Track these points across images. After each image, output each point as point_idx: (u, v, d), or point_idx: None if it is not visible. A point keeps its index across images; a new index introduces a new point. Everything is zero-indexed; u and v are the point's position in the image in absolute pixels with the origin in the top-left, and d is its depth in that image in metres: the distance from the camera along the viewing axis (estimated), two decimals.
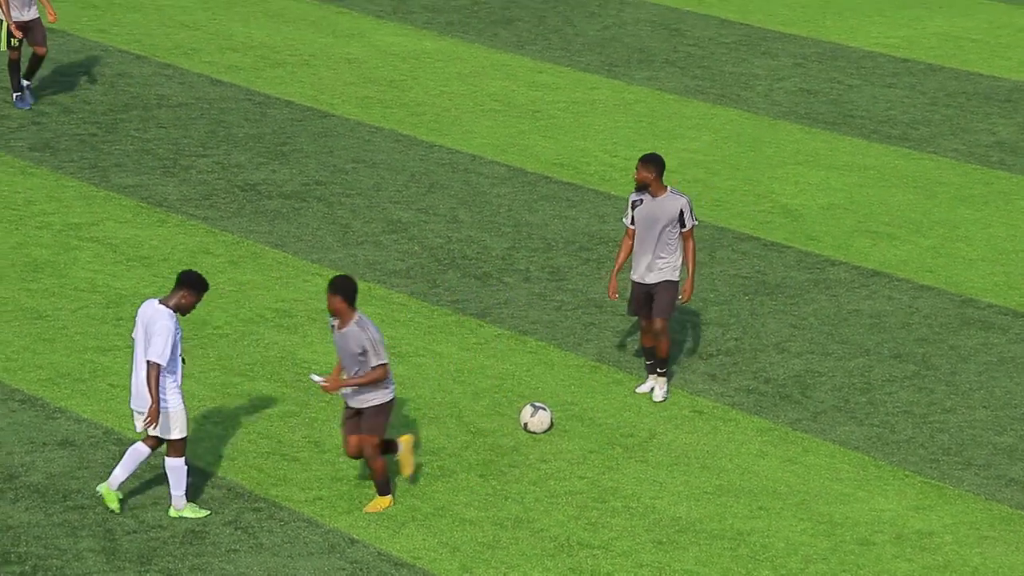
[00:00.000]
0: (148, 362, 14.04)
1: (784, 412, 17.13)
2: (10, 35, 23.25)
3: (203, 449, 15.77)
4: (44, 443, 15.69)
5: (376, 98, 26.26)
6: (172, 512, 14.61)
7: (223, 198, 21.93)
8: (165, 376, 14.19)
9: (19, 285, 18.96)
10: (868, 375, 17.99)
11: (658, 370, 17.22)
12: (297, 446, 15.95)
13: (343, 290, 14.32)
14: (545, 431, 16.45)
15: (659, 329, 16.93)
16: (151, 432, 14.39)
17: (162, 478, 15.09)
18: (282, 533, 14.45)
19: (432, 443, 16.14)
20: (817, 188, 23.40)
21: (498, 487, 15.43)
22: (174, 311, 14.15)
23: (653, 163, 16.77)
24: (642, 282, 17.00)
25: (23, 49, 23.81)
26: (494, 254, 20.80)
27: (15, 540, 14.04)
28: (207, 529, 14.41)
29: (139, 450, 14.49)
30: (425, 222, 21.60)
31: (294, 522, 14.66)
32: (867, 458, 16.26)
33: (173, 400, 14.29)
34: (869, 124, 26.03)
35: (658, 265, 16.91)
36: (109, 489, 14.45)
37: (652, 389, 17.29)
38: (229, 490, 15.10)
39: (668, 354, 17.17)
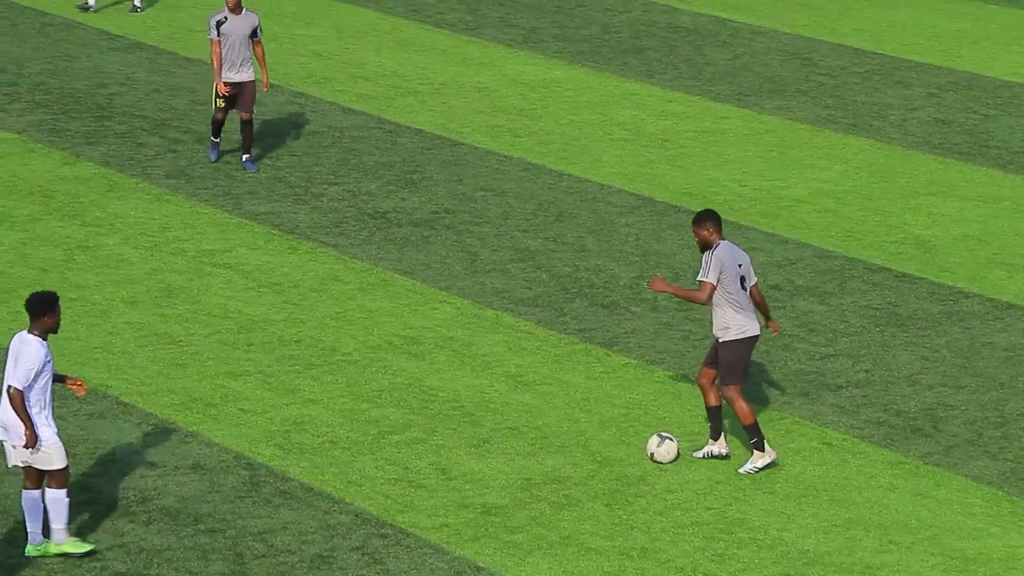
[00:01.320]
0: (10, 388, 13.82)
1: (915, 445, 17.03)
2: (217, 94, 23.05)
3: (331, 475, 15.92)
4: (176, 467, 15.91)
5: (505, 127, 26.38)
6: (52, 548, 14.13)
7: (353, 226, 22.12)
8: (32, 409, 13.89)
9: (154, 310, 19.22)
10: (1002, 409, 17.84)
11: (751, 440, 16.35)
12: (424, 473, 16.06)
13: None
14: (671, 461, 16.46)
15: (726, 397, 16.31)
16: (27, 459, 13.98)
17: (287, 506, 15.26)
18: (408, 560, 14.57)
19: (558, 471, 16.20)
20: (951, 219, 23.24)
21: (624, 517, 15.47)
22: (43, 337, 14.01)
23: (711, 219, 16.43)
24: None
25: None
26: (622, 283, 20.84)
27: (147, 563, 14.24)
28: (335, 555, 14.55)
29: (32, 496, 14.12)
30: (553, 251, 21.68)
31: (420, 549, 14.77)
32: (1001, 493, 16.13)
33: (46, 433, 14.00)
34: (1005, 154, 25.83)
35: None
36: (34, 545, 14.11)
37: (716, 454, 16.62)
38: (356, 516, 15.24)
39: (751, 422, 16.19)
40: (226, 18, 22.81)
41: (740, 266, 16.23)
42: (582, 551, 14.84)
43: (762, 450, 16.25)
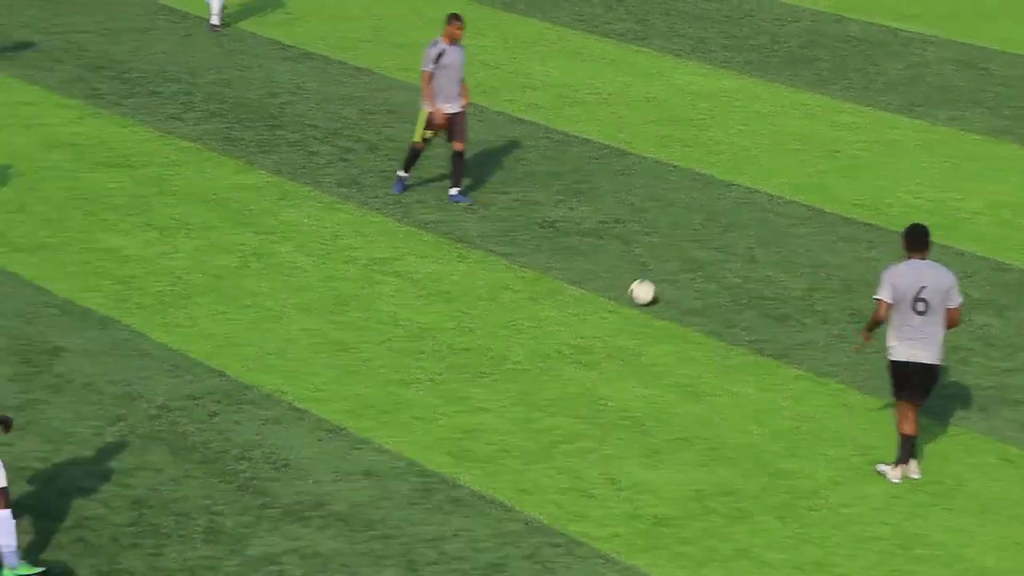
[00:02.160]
0: None
1: None
2: (426, 124, 22.80)
3: (502, 483, 15.93)
4: (349, 472, 16.00)
5: (675, 137, 26.32)
6: (6, 572, 13.49)
7: (522, 235, 22.15)
8: None
9: (327, 317, 19.36)
10: None
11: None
12: (595, 482, 16.03)
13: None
14: (646, 302, 19.55)
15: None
16: None
17: (458, 513, 15.30)
18: (580, 569, 14.54)
19: (730, 484, 16.09)
20: None
21: (798, 530, 15.33)
22: None
23: (904, 235, 16.18)
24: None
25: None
26: (793, 295, 20.69)
27: (321, 567, 14.33)
28: (506, 562, 14.55)
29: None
30: (723, 261, 21.58)
31: (591, 558, 14.74)
32: None
33: None
34: None
35: None
36: (11, 569, 13.57)
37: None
38: (527, 524, 15.23)
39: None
40: (445, 50, 22.72)
41: (923, 288, 15.99)
42: (755, 564, 14.73)
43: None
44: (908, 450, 16.18)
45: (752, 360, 18.86)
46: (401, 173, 23.08)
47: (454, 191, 23.03)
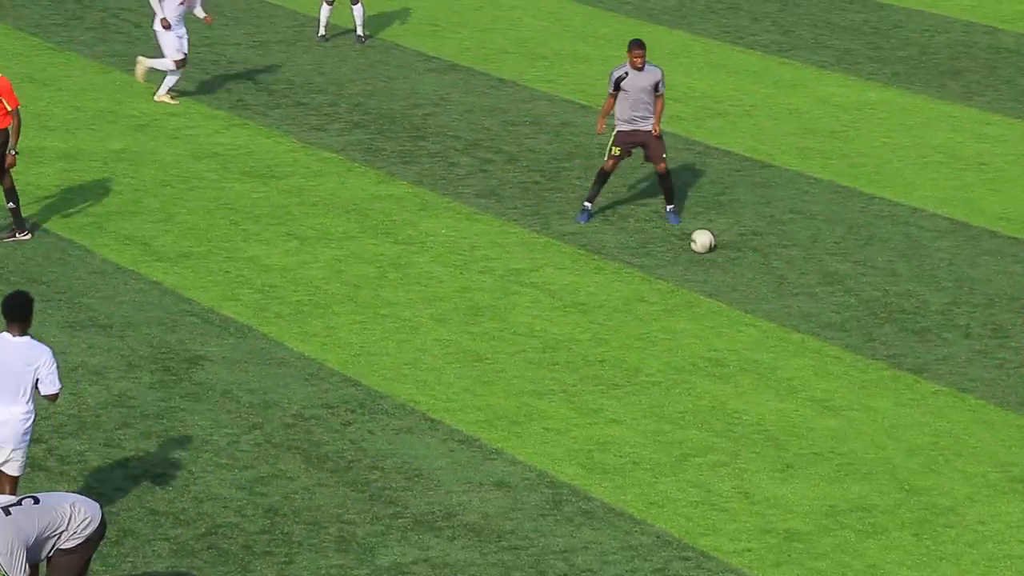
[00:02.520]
0: (57, 394, 13.95)
1: None
2: (614, 142, 22.55)
3: (633, 495, 15.90)
4: (480, 483, 16.04)
5: (816, 148, 26.16)
6: None
7: (659, 246, 22.10)
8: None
9: (462, 328, 19.43)
10: None
11: None
12: (726, 496, 15.95)
13: None
14: (706, 247, 21.37)
15: None
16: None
17: (588, 525, 15.30)
18: None
19: (864, 499, 15.95)
20: None
21: (932, 547, 15.17)
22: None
23: None
24: None
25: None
26: (933, 309, 20.48)
27: None
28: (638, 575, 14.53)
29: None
30: (862, 274, 21.40)
31: (722, 573, 14.68)
32: None
33: None
34: None
35: None
36: None
37: None
38: (658, 537, 15.20)
39: None
40: (627, 74, 22.50)
41: None
42: None
43: None
44: None
45: (890, 375, 18.70)
46: (587, 203, 22.72)
47: (668, 208, 22.80)
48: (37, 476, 15.74)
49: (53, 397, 14.09)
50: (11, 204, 21.09)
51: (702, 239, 21.82)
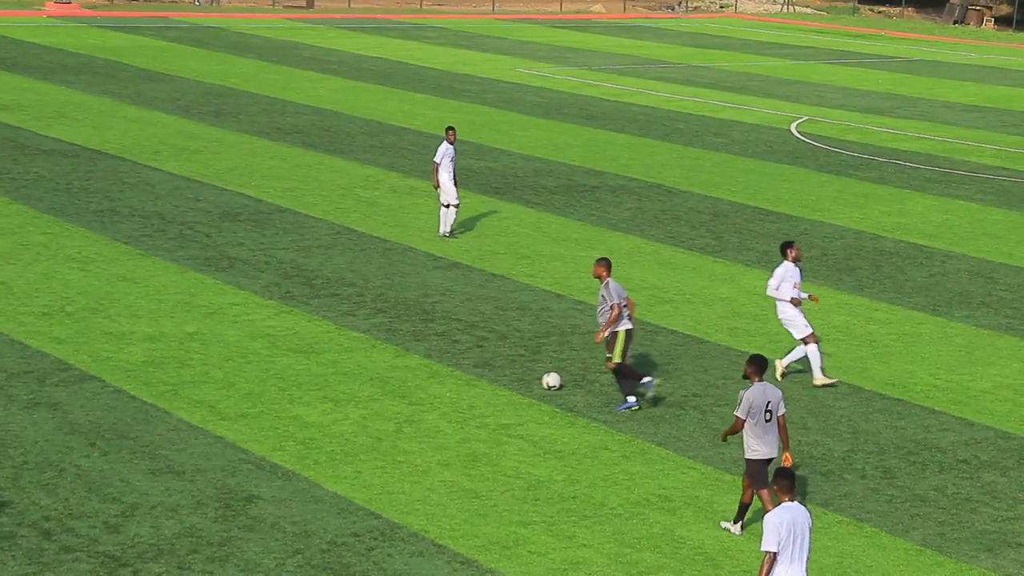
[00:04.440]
0: None
1: None
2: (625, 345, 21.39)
3: None
4: None
5: (743, 328, 26.23)
6: None
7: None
8: None
9: (462, 471, 19.33)
10: None
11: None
12: None
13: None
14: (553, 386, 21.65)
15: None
16: None
17: None
18: None
19: None
20: None
21: None
22: None
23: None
24: None
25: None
26: (836, 455, 20.42)
27: None
28: None
29: None
30: None
31: None
32: None
33: None
34: None
35: None
36: None
37: None
38: None
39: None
40: (608, 284, 21.20)
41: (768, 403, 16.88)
42: None
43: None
44: None
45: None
46: (631, 399, 21.61)
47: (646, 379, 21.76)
48: None
49: None
50: None
51: (548, 379, 22.21)
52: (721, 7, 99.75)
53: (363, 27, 75.50)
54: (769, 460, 17.24)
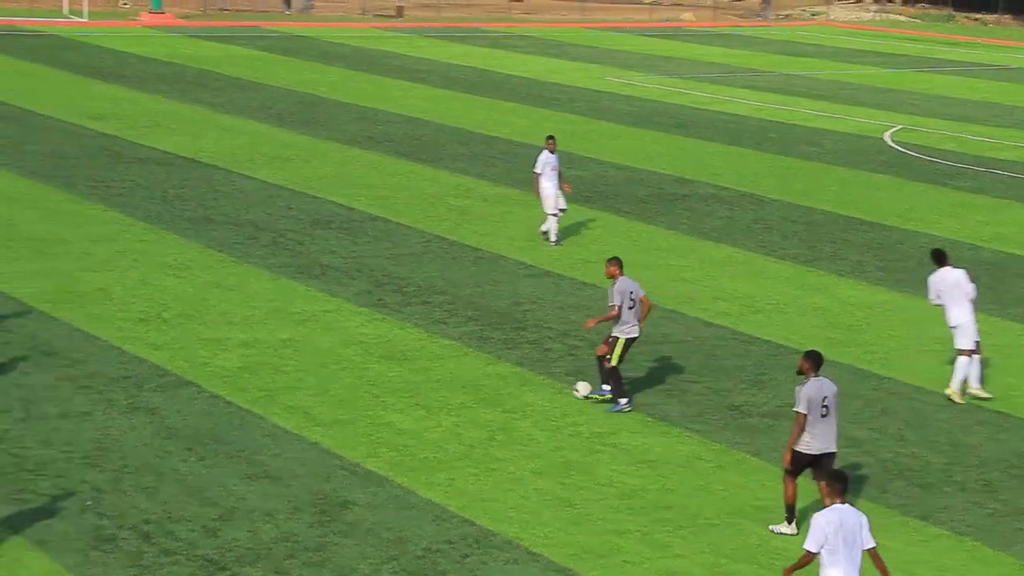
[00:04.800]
0: None
1: None
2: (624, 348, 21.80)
3: None
4: None
5: (837, 338, 26.04)
6: None
7: (713, 415, 21.99)
8: None
9: (556, 479, 19.33)
10: None
11: None
12: None
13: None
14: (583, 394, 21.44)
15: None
16: None
17: None
18: None
19: None
20: None
21: None
22: None
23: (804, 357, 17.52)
24: None
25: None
26: (935, 467, 20.22)
27: None
28: None
29: None
30: (877, 439, 21.21)
31: None
32: None
33: None
34: None
35: None
36: None
37: None
38: None
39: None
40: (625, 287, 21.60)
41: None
42: None
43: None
44: None
45: (900, 520, 18.45)
46: (622, 401, 21.86)
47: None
48: None
49: None
50: None
51: (582, 388, 22.22)
52: (813, 15, 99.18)
53: (452, 36, 75.80)
54: (818, 456, 17.31)
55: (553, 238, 31.86)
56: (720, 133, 47.76)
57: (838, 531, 13.68)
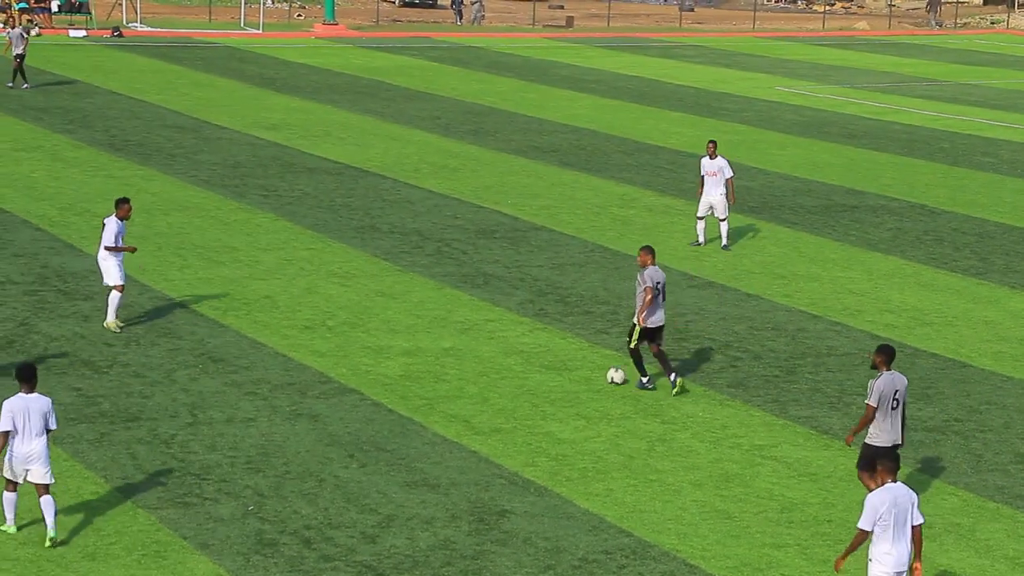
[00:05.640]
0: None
1: None
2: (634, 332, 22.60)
3: None
4: None
5: (1008, 353, 25.49)
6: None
7: None
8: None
9: (715, 491, 19.22)
10: None
11: None
12: None
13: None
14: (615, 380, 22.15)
15: None
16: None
17: None
18: None
19: None
20: None
21: None
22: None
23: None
24: None
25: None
26: None
27: None
28: None
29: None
30: None
31: None
32: None
33: None
34: None
35: None
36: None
37: None
38: None
39: None
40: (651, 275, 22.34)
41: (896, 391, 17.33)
42: None
43: None
44: None
45: None
46: (643, 379, 22.89)
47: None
48: None
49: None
50: None
51: (615, 375, 22.95)
52: (992, 23, 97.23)
53: (621, 46, 75.77)
54: (887, 448, 17.39)
55: (726, 241, 32.21)
56: (891, 143, 47.05)
57: (891, 509, 14.41)
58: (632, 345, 22.62)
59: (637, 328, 22.50)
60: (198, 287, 27.88)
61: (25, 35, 50.82)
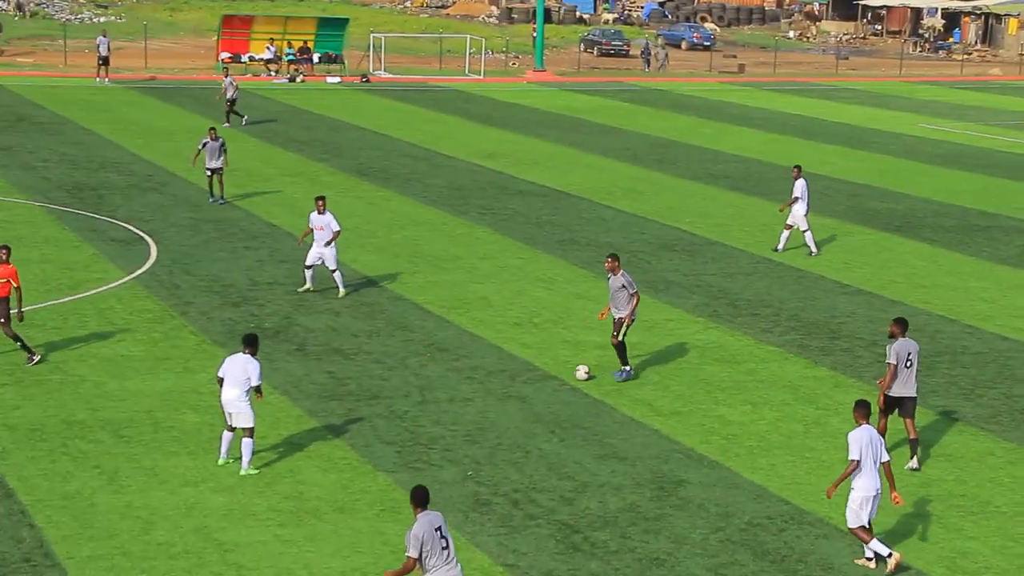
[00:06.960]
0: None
1: None
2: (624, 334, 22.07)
3: None
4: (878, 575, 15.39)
5: None
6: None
7: (1006, 417, 20.92)
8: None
9: None
10: None
11: None
12: None
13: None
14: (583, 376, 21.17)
15: None
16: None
17: None
18: None
19: None
20: None
21: None
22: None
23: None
24: None
25: None
26: None
27: None
28: None
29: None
30: None
31: None
32: None
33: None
34: None
35: None
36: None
37: None
38: None
39: None
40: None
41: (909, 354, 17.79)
42: None
43: None
44: None
45: None
46: (625, 368, 22.20)
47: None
48: (575, 556, 15.92)
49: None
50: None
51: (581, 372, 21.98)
52: None
53: (785, 89, 74.71)
54: (900, 399, 17.96)
55: (813, 249, 31.54)
56: (1021, 172, 45.48)
57: (868, 446, 14.92)
58: (621, 338, 21.93)
59: (626, 322, 21.75)
60: (427, 289, 28.25)
61: (235, 83, 51.04)
